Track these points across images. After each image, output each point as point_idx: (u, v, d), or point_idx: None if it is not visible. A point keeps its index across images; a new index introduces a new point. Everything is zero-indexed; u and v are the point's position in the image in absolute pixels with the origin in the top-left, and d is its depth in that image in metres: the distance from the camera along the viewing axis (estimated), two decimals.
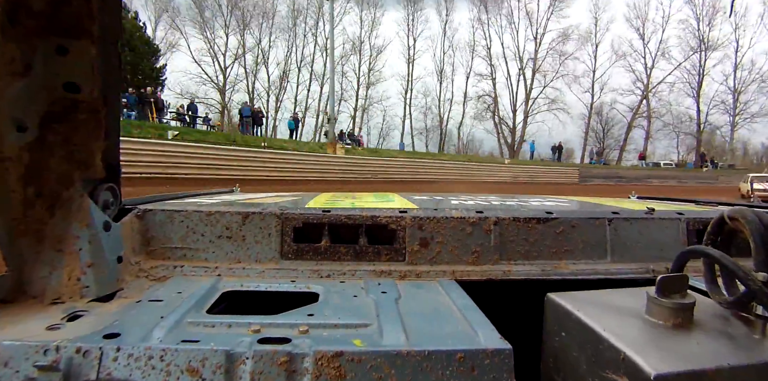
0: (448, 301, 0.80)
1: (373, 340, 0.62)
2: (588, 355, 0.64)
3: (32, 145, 0.73)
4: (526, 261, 1.00)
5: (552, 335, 0.74)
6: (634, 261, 1.02)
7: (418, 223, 0.98)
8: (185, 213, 0.97)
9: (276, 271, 0.93)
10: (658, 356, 0.55)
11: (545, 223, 1.02)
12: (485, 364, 0.60)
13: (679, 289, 0.66)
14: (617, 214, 1.07)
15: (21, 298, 0.75)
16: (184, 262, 0.94)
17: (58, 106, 0.74)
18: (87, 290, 0.76)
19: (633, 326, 0.64)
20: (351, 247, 0.97)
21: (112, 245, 0.82)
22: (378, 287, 0.86)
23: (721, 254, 0.66)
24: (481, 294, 0.84)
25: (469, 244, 0.99)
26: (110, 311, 0.72)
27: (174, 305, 0.73)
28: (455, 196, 1.74)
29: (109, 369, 0.56)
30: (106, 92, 0.77)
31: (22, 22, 0.68)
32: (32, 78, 0.71)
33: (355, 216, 0.99)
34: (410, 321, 0.70)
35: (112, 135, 0.81)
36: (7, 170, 0.72)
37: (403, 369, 0.59)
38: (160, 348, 0.58)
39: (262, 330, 0.64)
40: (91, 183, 0.80)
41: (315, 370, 0.57)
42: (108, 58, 0.77)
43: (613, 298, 0.75)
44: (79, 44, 0.72)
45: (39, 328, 0.64)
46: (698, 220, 1.08)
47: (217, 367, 0.56)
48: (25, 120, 0.71)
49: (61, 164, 0.75)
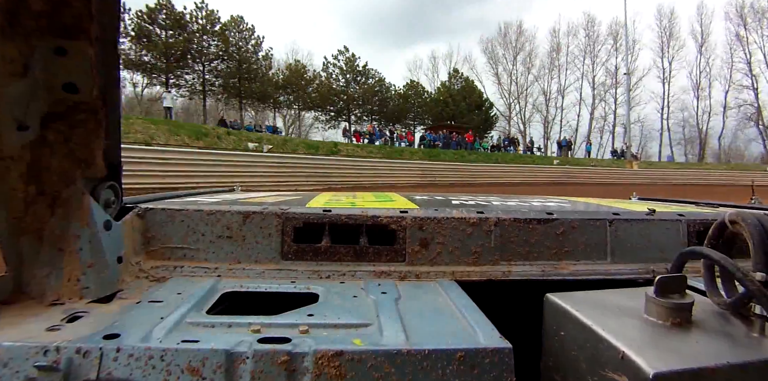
0: (448, 301, 0.80)
1: (373, 340, 0.62)
2: (587, 354, 0.64)
3: (33, 144, 0.73)
4: (527, 261, 0.99)
5: (551, 335, 0.74)
6: (634, 262, 1.02)
7: (418, 224, 0.98)
8: (186, 212, 0.96)
9: (276, 272, 0.93)
10: (656, 355, 0.56)
11: (546, 224, 1.02)
12: (485, 363, 0.60)
13: (678, 289, 0.66)
14: (618, 215, 1.06)
15: (21, 299, 0.75)
16: (184, 263, 0.94)
17: (58, 106, 0.74)
18: (87, 291, 0.76)
19: (632, 326, 0.64)
20: (351, 248, 0.97)
21: (112, 245, 0.81)
22: (378, 288, 0.86)
23: (719, 255, 0.67)
24: (481, 294, 0.84)
25: (469, 245, 0.98)
26: (110, 312, 0.72)
27: (174, 306, 0.73)
28: (456, 196, 1.74)
29: (109, 369, 0.56)
30: (105, 92, 0.77)
31: (21, 23, 0.68)
32: (31, 78, 0.70)
33: (355, 216, 0.98)
34: (410, 320, 0.70)
35: (112, 134, 0.81)
36: (8, 169, 0.72)
37: (404, 368, 0.59)
38: (160, 348, 0.58)
39: (262, 330, 0.64)
40: (92, 182, 0.80)
41: (315, 369, 0.57)
42: (107, 58, 0.77)
43: (612, 298, 0.75)
44: (78, 45, 0.72)
45: (39, 329, 0.64)
46: (698, 221, 1.08)
47: (218, 367, 0.56)
48: (26, 119, 0.71)
49: (62, 163, 0.75)
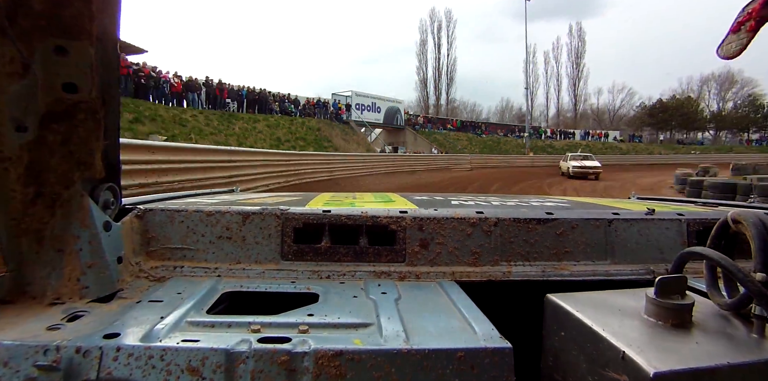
0: (448, 301, 0.80)
1: (373, 340, 0.62)
2: (588, 354, 0.64)
3: (32, 145, 0.73)
4: (526, 262, 0.99)
5: (552, 335, 0.74)
6: (634, 262, 1.02)
7: (418, 224, 0.98)
8: (185, 213, 0.97)
9: (276, 272, 0.93)
10: (657, 355, 0.56)
11: (545, 224, 1.01)
12: (485, 363, 0.60)
13: (678, 290, 0.66)
14: (617, 215, 1.06)
15: (21, 298, 0.75)
16: (184, 263, 0.94)
17: (58, 107, 0.74)
18: (87, 291, 0.76)
19: (632, 326, 0.64)
20: (351, 248, 0.97)
21: (112, 245, 0.81)
22: (378, 288, 0.86)
23: (719, 255, 0.66)
24: (481, 295, 0.84)
25: (469, 245, 0.98)
26: (110, 312, 0.72)
27: (174, 305, 0.73)
28: (455, 196, 1.74)
29: (109, 368, 0.56)
30: (105, 93, 0.77)
31: (21, 23, 0.68)
32: (31, 78, 0.70)
33: (355, 216, 0.98)
34: (410, 320, 0.69)
35: (111, 135, 0.81)
36: (7, 170, 0.72)
37: (403, 368, 0.59)
38: (160, 347, 0.58)
39: (262, 330, 0.64)
40: (91, 183, 0.80)
41: (315, 369, 0.57)
42: (106, 58, 0.77)
43: (613, 298, 0.75)
44: (78, 45, 0.72)
45: (39, 328, 0.64)
46: (698, 221, 1.08)
47: (217, 367, 0.56)
48: (25, 120, 0.71)
49: (61, 164, 0.75)
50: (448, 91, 53.58)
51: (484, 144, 38.37)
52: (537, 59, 57.04)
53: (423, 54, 53.43)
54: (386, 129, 32.95)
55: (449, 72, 53.62)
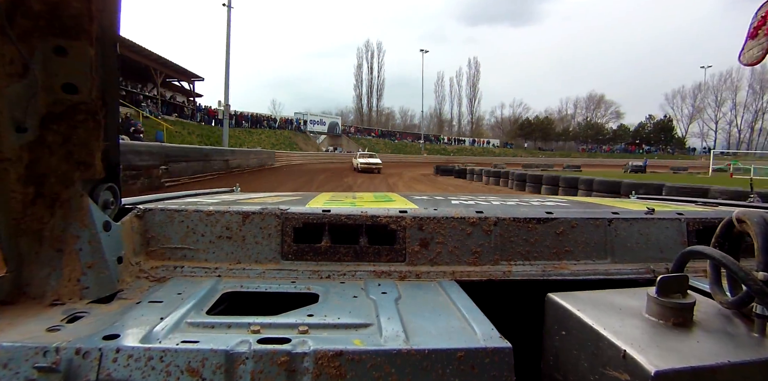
0: (448, 301, 0.80)
1: (373, 340, 0.62)
2: (589, 353, 0.64)
3: (32, 146, 0.72)
4: (527, 261, 0.99)
5: (552, 334, 0.74)
6: (634, 261, 1.01)
7: (418, 223, 0.98)
8: (185, 213, 0.96)
9: (276, 272, 0.92)
10: (658, 354, 0.55)
11: (545, 224, 1.01)
12: (485, 363, 0.60)
13: (680, 289, 0.65)
14: (617, 214, 1.06)
15: (21, 299, 0.74)
16: (184, 263, 0.94)
17: (58, 107, 0.73)
18: (87, 291, 0.76)
19: (633, 325, 0.64)
20: (351, 248, 0.97)
21: (112, 245, 0.81)
22: (378, 288, 0.86)
23: (720, 254, 0.66)
24: (481, 294, 0.84)
25: (469, 245, 0.98)
26: (110, 312, 0.71)
27: (174, 306, 0.73)
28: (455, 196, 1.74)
29: (108, 370, 0.56)
30: (105, 93, 0.76)
31: (20, 23, 0.68)
32: (31, 79, 0.70)
33: (355, 216, 0.98)
34: (410, 321, 0.69)
35: (111, 135, 0.80)
36: (7, 170, 0.71)
37: (403, 368, 0.58)
38: (159, 349, 0.57)
39: (261, 330, 0.64)
40: (90, 183, 0.79)
41: (315, 369, 0.57)
42: (106, 59, 0.76)
43: (614, 298, 0.75)
44: (77, 45, 0.72)
45: (39, 329, 0.63)
46: (698, 220, 1.07)
47: (217, 368, 0.56)
48: (25, 120, 0.71)
49: (60, 164, 0.75)
50: (378, 104, 72.10)
51: (395, 147, 54.59)
52: (444, 83, 76.15)
53: (359, 75, 70.95)
54: (329, 136, 49.69)
55: (378, 90, 71.83)
